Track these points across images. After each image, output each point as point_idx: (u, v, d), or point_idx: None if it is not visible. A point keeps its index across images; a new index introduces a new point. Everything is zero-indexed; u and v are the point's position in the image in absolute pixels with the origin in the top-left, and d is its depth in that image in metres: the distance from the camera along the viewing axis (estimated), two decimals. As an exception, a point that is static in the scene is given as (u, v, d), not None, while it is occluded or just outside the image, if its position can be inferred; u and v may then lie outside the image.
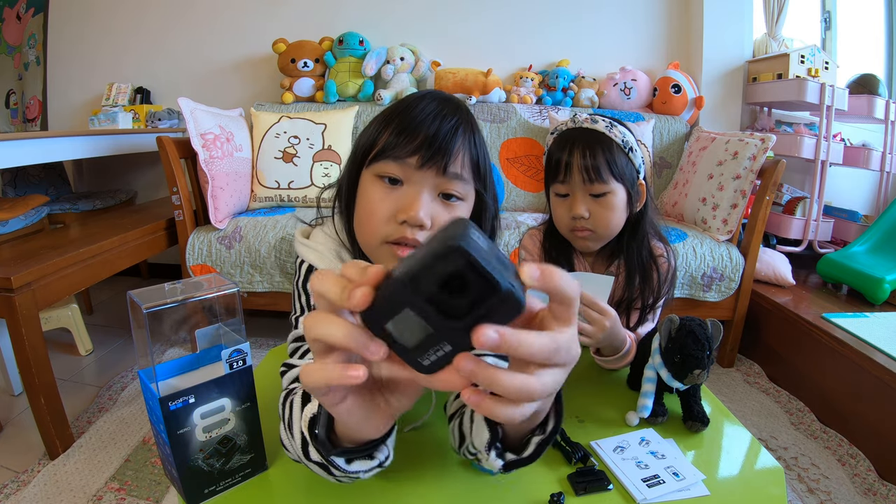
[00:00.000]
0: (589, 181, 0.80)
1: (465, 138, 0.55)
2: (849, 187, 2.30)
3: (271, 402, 0.65)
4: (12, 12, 2.51)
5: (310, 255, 0.63)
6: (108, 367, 1.72)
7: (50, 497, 1.12)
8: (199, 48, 2.39)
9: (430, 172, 0.54)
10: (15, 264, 1.22)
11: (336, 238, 0.64)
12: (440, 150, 0.53)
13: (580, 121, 0.84)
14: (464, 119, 0.56)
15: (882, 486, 1.19)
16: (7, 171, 1.95)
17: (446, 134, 0.53)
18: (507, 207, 2.11)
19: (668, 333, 0.68)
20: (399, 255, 0.54)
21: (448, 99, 0.58)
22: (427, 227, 0.53)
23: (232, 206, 1.77)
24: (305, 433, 0.43)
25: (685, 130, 2.14)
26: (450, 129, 0.54)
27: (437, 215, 0.55)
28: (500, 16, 2.31)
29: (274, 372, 0.81)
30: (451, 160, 0.54)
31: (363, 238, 0.59)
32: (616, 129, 0.82)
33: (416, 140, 0.53)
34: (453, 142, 0.54)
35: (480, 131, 0.59)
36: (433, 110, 0.55)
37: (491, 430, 0.45)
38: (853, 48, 2.37)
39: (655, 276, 0.86)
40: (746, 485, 0.59)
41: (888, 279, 1.61)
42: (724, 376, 1.72)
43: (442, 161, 0.53)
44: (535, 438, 0.43)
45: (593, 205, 0.81)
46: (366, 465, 0.42)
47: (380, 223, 0.55)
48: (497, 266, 0.27)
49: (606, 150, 0.80)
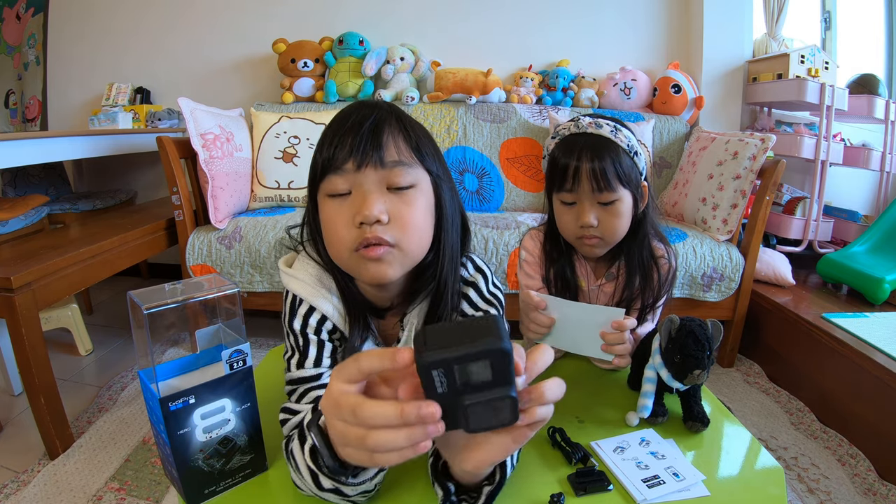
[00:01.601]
0: (598, 190, 0.78)
1: (392, 126, 0.56)
2: (849, 187, 2.30)
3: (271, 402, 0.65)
4: (12, 12, 2.51)
5: (292, 284, 0.62)
6: (108, 367, 1.72)
7: (50, 497, 1.12)
8: (199, 48, 2.39)
9: (369, 170, 0.54)
10: (15, 264, 1.22)
11: (315, 264, 0.64)
12: (370, 145, 0.54)
13: (584, 126, 0.81)
14: (383, 111, 0.57)
15: (882, 486, 1.19)
16: (7, 171, 1.95)
17: (370, 128, 0.55)
18: (507, 207, 2.11)
19: (669, 334, 0.68)
20: (366, 255, 0.54)
21: (367, 102, 0.59)
22: (384, 221, 0.53)
23: (232, 206, 1.77)
24: (312, 466, 0.46)
25: (685, 130, 2.14)
26: (371, 123, 0.55)
27: (393, 207, 0.55)
28: (500, 16, 2.31)
29: (274, 372, 0.81)
30: (384, 151, 0.54)
31: (335, 256, 0.59)
32: (621, 133, 0.80)
33: (346, 145, 0.54)
34: (380, 133, 0.55)
35: (409, 117, 0.60)
36: (353, 115, 0.56)
37: (443, 489, 0.49)
38: (853, 48, 2.37)
39: (656, 276, 0.86)
40: (746, 485, 0.59)
41: (888, 279, 1.61)
42: (724, 376, 1.72)
43: (376, 155, 0.54)
44: (486, 488, 0.49)
45: (601, 212, 0.80)
46: (369, 472, 0.47)
47: (342, 234, 0.55)
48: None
49: (614, 156, 0.78)
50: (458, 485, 0.50)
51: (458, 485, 0.50)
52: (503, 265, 1.64)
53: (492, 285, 0.68)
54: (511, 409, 0.35)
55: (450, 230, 0.61)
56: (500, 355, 0.33)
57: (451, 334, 0.34)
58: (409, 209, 0.55)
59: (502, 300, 0.69)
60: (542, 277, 0.90)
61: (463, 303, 0.65)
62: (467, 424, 0.36)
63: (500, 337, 0.33)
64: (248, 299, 1.72)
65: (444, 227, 0.61)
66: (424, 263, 0.61)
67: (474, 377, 0.34)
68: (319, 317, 0.61)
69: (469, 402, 0.34)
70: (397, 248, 0.55)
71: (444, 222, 0.61)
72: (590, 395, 0.78)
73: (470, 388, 0.34)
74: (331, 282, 0.63)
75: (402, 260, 0.56)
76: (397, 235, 0.54)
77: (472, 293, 0.66)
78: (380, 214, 0.53)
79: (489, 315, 0.36)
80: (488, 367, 0.33)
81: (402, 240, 0.55)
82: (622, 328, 0.72)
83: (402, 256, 0.56)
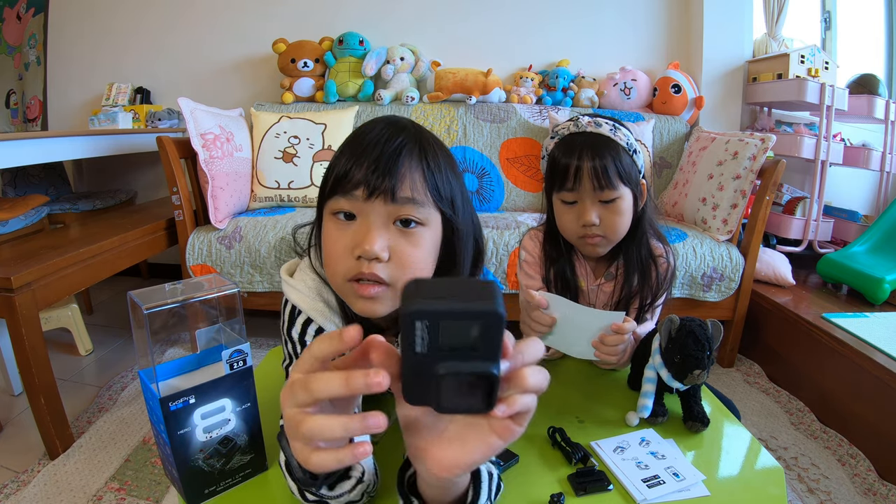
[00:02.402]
0: (599, 188, 0.78)
1: (413, 158, 0.52)
2: (849, 187, 2.30)
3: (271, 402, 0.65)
4: (12, 12, 2.51)
5: (292, 295, 0.61)
6: (108, 367, 1.72)
7: (50, 497, 1.12)
8: (199, 48, 2.39)
9: (378, 202, 0.51)
10: (15, 264, 1.22)
11: (316, 275, 0.62)
12: (385, 175, 0.50)
13: (584, 125, 0.81)
14: (409, 138, 0.53)
15: (882, 486, 1.19)
16: (7, 171, 1.95)
17: (389, 158, 0.51)
18: (507, 207, 2.11)
19: (668, 333, 0.68)
20: (359, 291, 0.52)
21: (395, 122, 0.55)
22: (384, 259, 0.51)
23: (232, 206, 1.77)
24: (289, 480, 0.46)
25: (685, 130, 2.14)
26: (393, 151, 0.51)
27: (395, 245, 0.52)
28: (500, 16, 2.31)
29: (274, 372, 0.81)
30: (398, 184, 0.51)
31: (330, 277, 0.57)
32: (620, 131, 0.81)
33: (362, 169, 0.51)
34: (398, 165, 0.51)
35: (438, 149, 0.56)
36: (377, 135, 0.53)
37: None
38: (853, 48, 2.37)
39: (654, 275, 0.86)
40: (746, 485, 0.59)
41: (888, 279, 1.61)
42: (724, 376, 1.72)
43: (389, 186, 0.50)
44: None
45: (603, 211, 0.80)
46: (347, 485, 0.46)
47: (339, 261, 0.53)
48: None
49: (614, 154, 0.78)
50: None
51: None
52: (503, 265, 1.64)
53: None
54: (488, 391, 0.32)
55: (460, 264, 0.59)
56: (494, 320, 0.30)
57: (445, 288, 0.31)
58: (412, 249, 0.53)
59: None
60: (542, 277, 0.90)
61: None
62: (438, 400, 0.32)
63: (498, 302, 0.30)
64: (248, 299, 1.72)
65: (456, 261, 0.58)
66: None
67: (459, 340, 0.30)
68: (318, 327, 0.60)
69: (445, 370, 0.31)
70: (392, 287, 0.53)
71: (456, 257, 0.58)
72: (590, 395, 0.78)
73: (450, 354, 0.31)
74: (330, 295, 0.61)
75: (395, 298, 0.53)
76: (394, 274, 0.52)
77: None
78: (380, 252, 0.50)
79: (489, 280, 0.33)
80: (477, 332, 0.30)
81: (398, 279, 0.52)
82: (622, 331, 0.72)
83: (396, 295, 0.53)
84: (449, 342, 0.30)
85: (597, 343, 0.73)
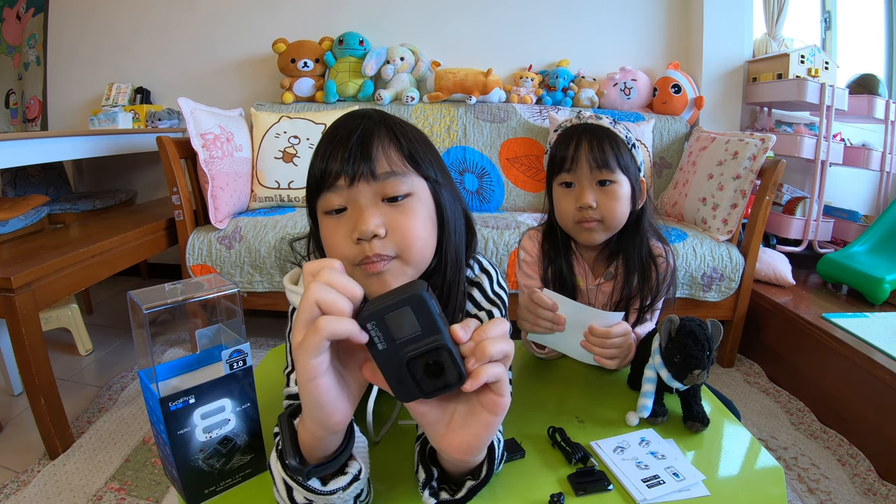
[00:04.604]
0: (597, 167, 0.81)
1: (382, 136, 0.55)
2: (849, 187, 2.30)
3: (271, 402, 0.65)
4: (12, 12, 2.51)
5: (296, 301, 0.61)
6: (108, 367, 1.72)
7: (50, 497, 1.12)
8: (199, 48, 2.39)
9: (362, 185, 0.53)
10: (15, 264, 1.22)
11: None
12: (360, 159, 0.53)
13: (585, 117, 0.86)
14: (372, 120, 0.56)
15: (882, 486, 1.19)
16: (7, 171, 1.95)
17: (359, 142, 0.53)
18: (507, 207, 2.11)
19: (668, 334, 0.68)
20: (367, 271, 0.54)
21: (357, 112, 0.57)
22: (382, 235, 0.52)
23: (232, 206, 1.77)
24: (283, 475, 0.46)
25: (685, 130, 2.14)
26: (361, 135, 0.54)
27: (389, 219, 0.53)
28: (500, 16, 2.31)
29: (274, 372, 0.81)
30: (374, 163, 0.53)
31: None
32: (619, 125, 0.85)
33: (337, 161, 0.53)
34: (369, 145, 0.53)
35: (406, 125, 0.58)
36: (343, 128, 0.55)
37: (426, 472, 0.49)
38: (853, 48, 2.37)
39: (654, 275, 0.86)
40: (746, 485, 0.59)
41: (888, 279, 1.61)
42: (724, 376, 1.72)
43: (367, 168, 0.52)
44: (469, 482, 0.48)
45: (600, 194, 0.82)
46: (342, 481, 0.46)
47: (343, 251, 0.54)
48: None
49: (612, 141, 0.82)
50: (444, 473, 0.50)
51: (444, 473, 0.50)
52: (503, 265, 1.64)
53: (496, 285, 0.67)
54: (451, 362, 0.37)
55: (452, 235, 0.60)
56: (417, 301, 0.36)
57: (383, 297, 0.37)
58: (406, 219, 0.54)
59: (506, 300, 0.68)
60: (541, 277, 0.90)
61: (467, 303, 0.65)
62: (420, 387, 0.38)
63: (419, 288, 0.36)
64: (248, 299, 1.72)
65: (446, 232, 0.60)
66: (428, 270, 0.60)
67: (405, 329, 0.37)
68: None
69: (407, 356, 0.37)
70: (399, 259, 0.54)
71: (446, 227, 0.60)
72: (590, 395, 0.78)
73: (407, 342, 0.37)
74: None
75: (405, 270, 0.55)
76: (398, 247, 0.53)
77: (477, 293, 0.66)
78: (376, 229, 0.52)
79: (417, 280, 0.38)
80: (412, 316, 0.36)
81: (402, 250, 0.54)
82: (607, 336, 0.74)
83: (405, 267, 0.55)
84: (401, 333, 0.37)
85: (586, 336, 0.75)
